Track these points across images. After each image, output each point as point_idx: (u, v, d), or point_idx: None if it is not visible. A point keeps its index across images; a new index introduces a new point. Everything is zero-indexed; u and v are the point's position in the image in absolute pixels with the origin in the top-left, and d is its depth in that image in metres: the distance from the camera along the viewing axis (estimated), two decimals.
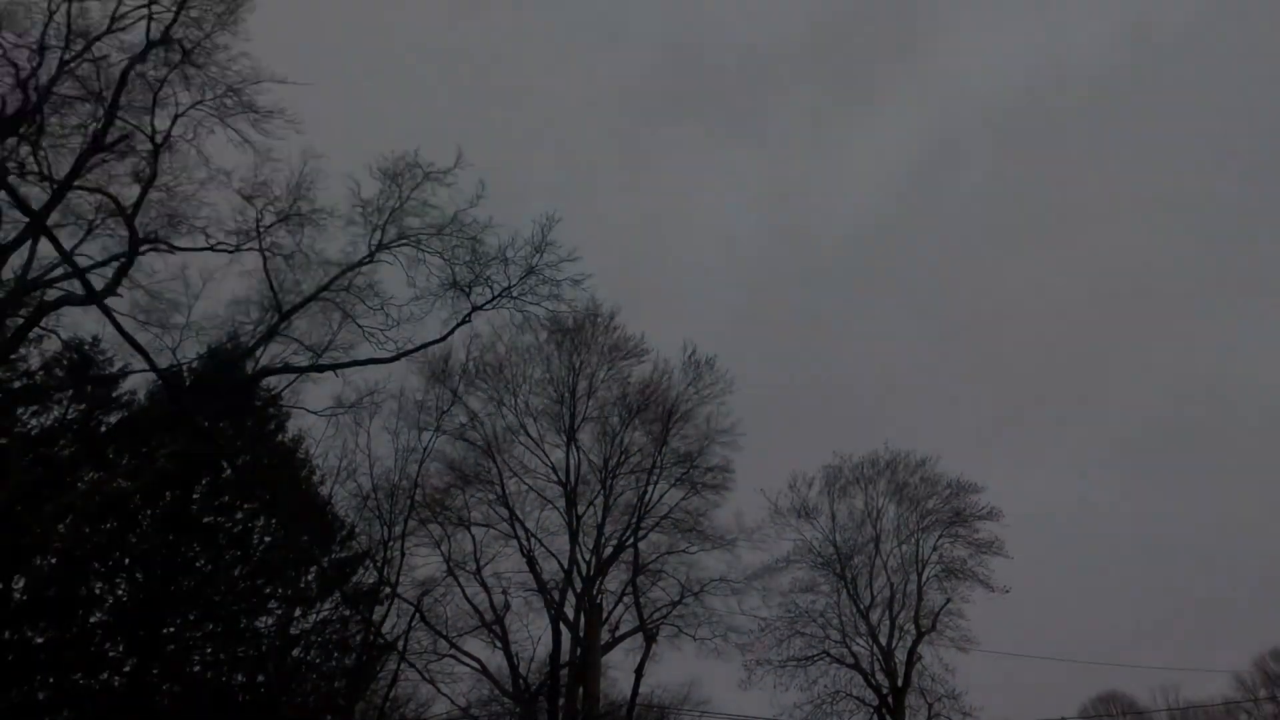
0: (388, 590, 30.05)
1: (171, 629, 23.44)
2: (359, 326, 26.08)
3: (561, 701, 34.51)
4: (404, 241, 26.13)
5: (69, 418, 24.17)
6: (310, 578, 26.47)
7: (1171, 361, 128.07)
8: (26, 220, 21.46)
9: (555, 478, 37.38)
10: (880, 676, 43.48)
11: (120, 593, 23.44)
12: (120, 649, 22.89)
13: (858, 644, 44.18)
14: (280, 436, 27.11)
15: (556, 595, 35.69)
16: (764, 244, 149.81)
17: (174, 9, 22.37)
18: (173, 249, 23.68)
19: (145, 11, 22.16)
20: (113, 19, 22.02)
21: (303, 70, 23.39)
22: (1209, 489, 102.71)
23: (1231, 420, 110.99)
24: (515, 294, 27.30)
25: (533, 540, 36.43)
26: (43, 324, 22.57)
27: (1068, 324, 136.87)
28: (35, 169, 22.19)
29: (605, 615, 36.80)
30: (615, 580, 37.91)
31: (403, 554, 31.46)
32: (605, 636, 36.46)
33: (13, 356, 22.75)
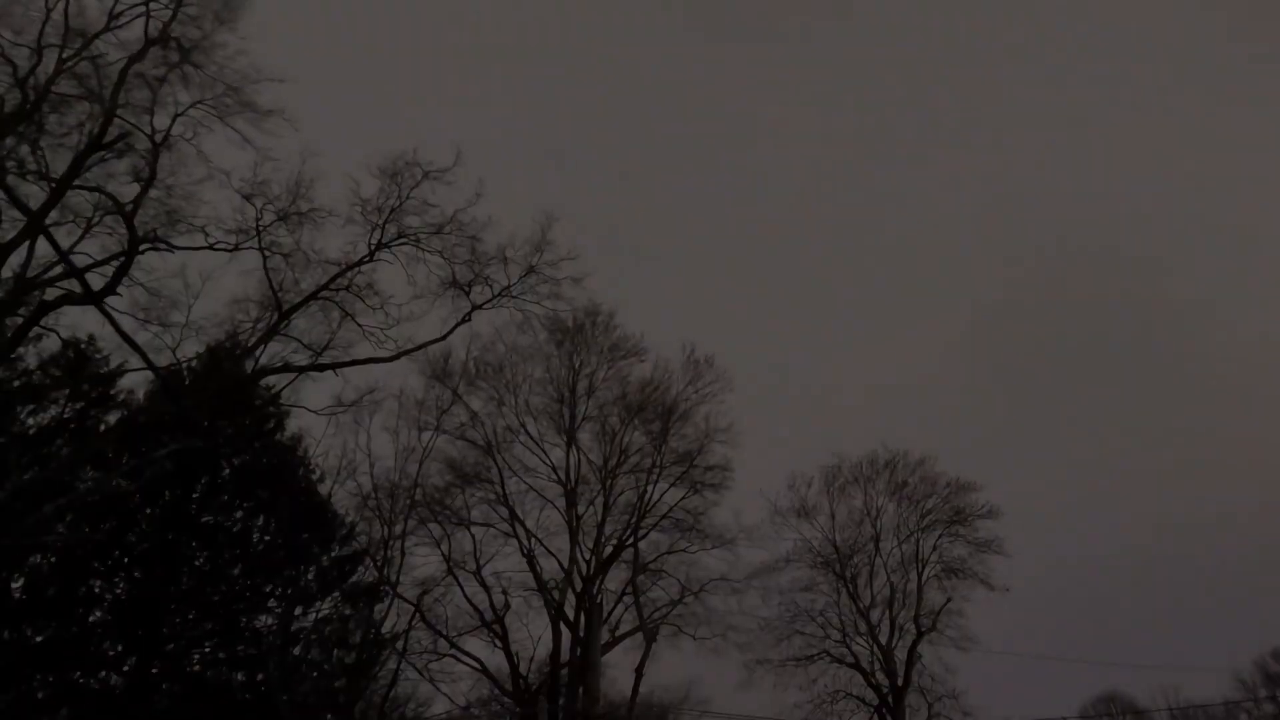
0: (387, 589, 30.09)
1: (171, 628, 23.40)
2: (358, 325, 26.15)
3: (561, 701, 34.54)
4: (403, 240, 26.18)
5: (67, 417, 24.13)
6: (310, 576, 26.45)
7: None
8: (25, 220, 21.48)
9: (555, 477, 37.48)
10: (880, 676, 43.54)
11: (120, 591, 23.39)
12: (120, 648, 22.86)
13: (857, 643, 44.30)
14: (279, 435, 27.09)
15: (556, 595, 35.71)
16: None
17: (172, 7, 22.40)
18: (172, 248, 23.66)
19: (143, 9, 22.19)
20: (110, 16, 22.02)
21: (302, 68, 23.41)
22: (1207, 487, 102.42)
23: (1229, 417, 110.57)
24: (515, 293, 27.43)
25: (533, 540, 36.52)
26: (42, 323, 22.55)
27: None
28: (34, 168, 22.18)
29: (605, 615, 36.81)
30: (615, 580, 38.02)
31: (403, 553, 31.56)
32: (605, 636, 36.47)
33: (11, 356, 22.71)
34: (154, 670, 22.94)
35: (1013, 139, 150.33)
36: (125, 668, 22.77)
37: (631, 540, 37.65)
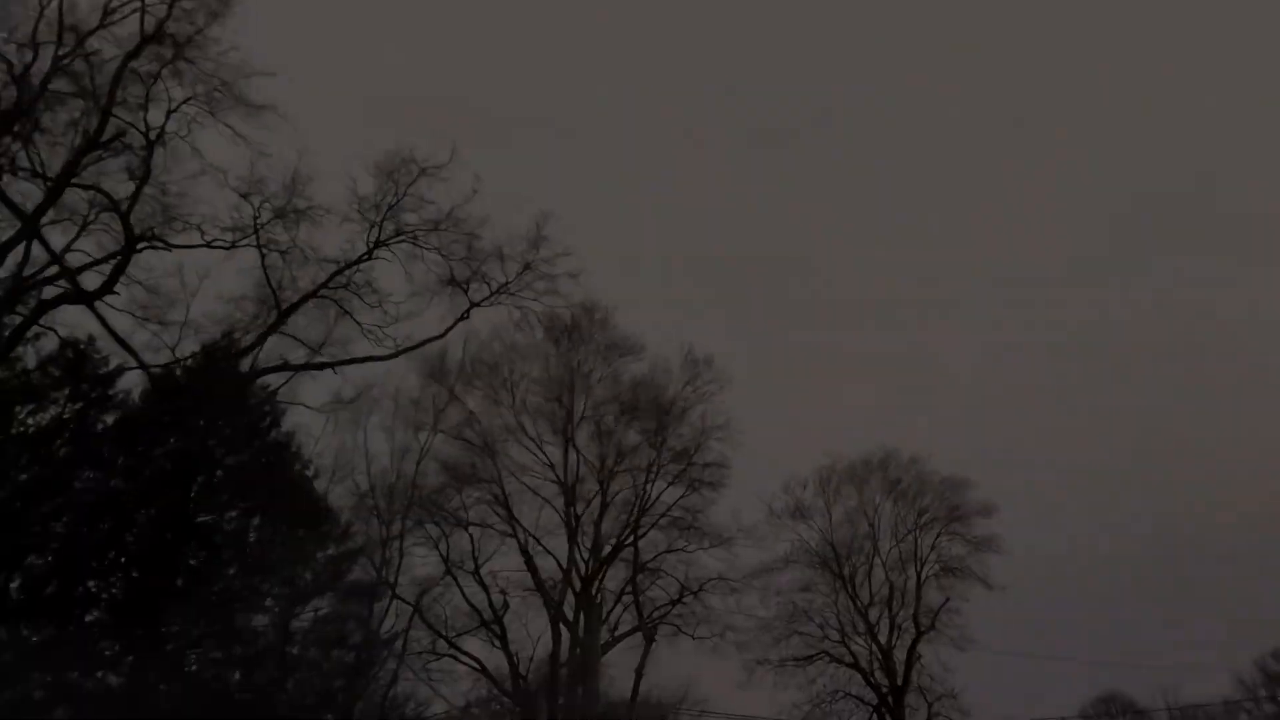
0: (385, 589, 29.98)
1: (168, 627, 23.29)
2: (357, 323, 26.19)
3: (561, 701, 34.45)
4: (401, 238, 26.23)
5: (66, 417, 24.03)
6: (308, 575, 26.34)
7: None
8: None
9: (553, 477, 37.35)
10: (879, 675, 43.49)
11: (117, 591, 23.29)
12: (117, 647, 22.72)
13: (856, 643, 44.27)
14: (274, 433, 26.97)
15: (555, 594, 35.62)
16: None
17: (168, 2, 22.32)
18: (169, 246, 23.69)
19: (138, 4, 22.11)
20: (105, 12, 21.93)
21: (297, 66, 23.41)
22: (1208, 487, 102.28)
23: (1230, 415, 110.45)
24: (513, 290, 27.50)
25: (531, 539, 36.40)
26: (41, 322, 22.51)
27: None
28: (29, 166, 22.13)
29: (604, 615, 36.73)
30: (614, 579, 37.95)
31: (400, 553, 31.45)
32: (605, 636, 36.39)
33: (10, 355, 22.65)
34: (151, 670, 22.82)
35: (1010, 138, 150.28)
36: (122, 668, 22.66)
37: (630, 539, 37.60)
